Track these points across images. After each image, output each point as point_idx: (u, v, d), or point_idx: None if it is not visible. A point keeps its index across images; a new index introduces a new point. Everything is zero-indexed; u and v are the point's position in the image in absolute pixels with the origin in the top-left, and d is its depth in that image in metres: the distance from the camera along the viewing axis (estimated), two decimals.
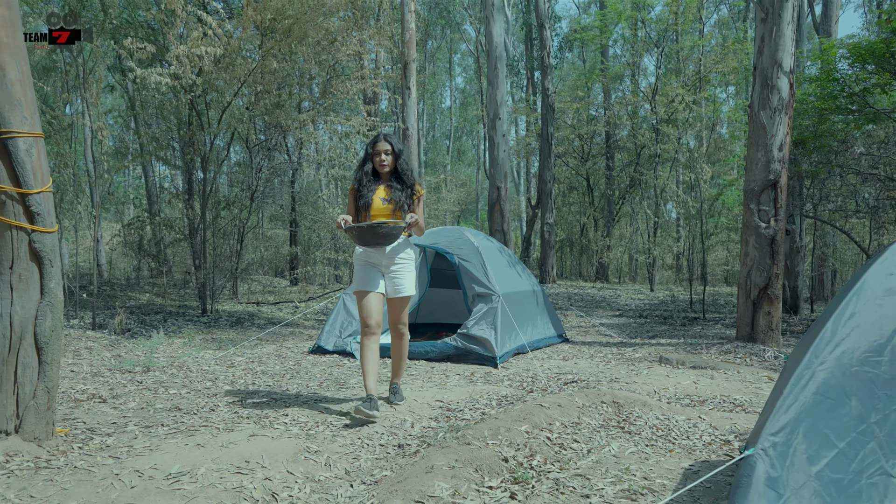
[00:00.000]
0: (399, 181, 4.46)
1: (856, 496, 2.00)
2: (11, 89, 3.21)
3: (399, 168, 4.45)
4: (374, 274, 4.42)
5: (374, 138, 4.50)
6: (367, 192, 4.43)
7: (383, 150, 4.42)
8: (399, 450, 3.75)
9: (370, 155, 4.47)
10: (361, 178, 4.48)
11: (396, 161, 4.45)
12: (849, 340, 2.17)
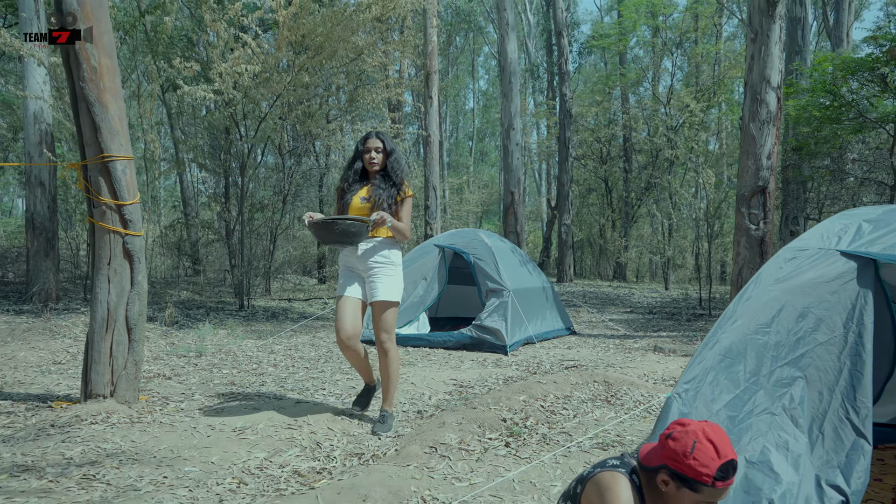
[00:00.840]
0: (385, 180, 4.18)
1: (746, 428, 2.73)
2: (112, 123, 4.06)
3: (389, 167, 4.18)
4: (353, 279, 4.18)
5: (365, 135, 4.26)
6: (349, 192, 4.19)
7: (374, 147, 4.17)
8: (418, 414, 4.54)
9: (360, 152, 4.23)
10: (349, 177, 4.24)
11: (387, 159, 4.19)
12: (745, 316, 2.90)
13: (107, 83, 4.02)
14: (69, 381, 5.36)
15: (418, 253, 8.48)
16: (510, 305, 7.44)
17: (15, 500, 2.89)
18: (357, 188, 4.18)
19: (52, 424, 3.96)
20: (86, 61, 3.93)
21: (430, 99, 13.67)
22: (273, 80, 10.22)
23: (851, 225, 3.06)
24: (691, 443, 1.87)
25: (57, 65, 9.42)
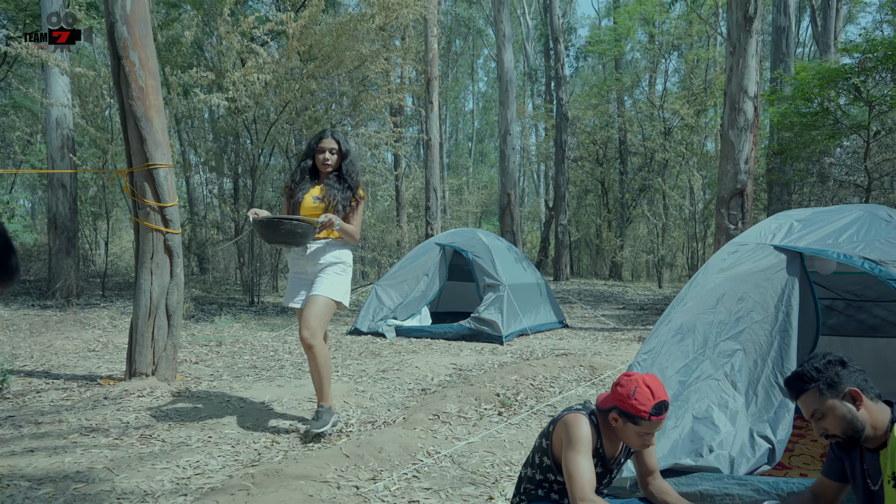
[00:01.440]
0: (340, 182, 3.99)
1: (694, 391, 3.31)
2: (156, 136, 4.66)
3: (344, 169, 4.00)
4: (301, 286, 4.04)
5: (319, 133, 4.05)
6: (299, 191, 4.00)
7: (329, 147, 3.98)
8: (422, 392, 5.14)
9: (313, 150, 4.03)
10: (296, 175, 4.07)
11: (342, 161, 4.00)
12: (694, 300, 3.49)
13: (152, 101, 4.62)
14: (107, 364, 5.95)
15: (420, 251, 9.09)
16: (506, 299, 8.04)
17: (91, 451, 3.49)
18: (308, 187, 3.99)
19: (105, 397, 4.56)
20: (134, 82, 4.53)
21: (431, 104, 14.28)
22: (283, 88, 10.81)
23: (784, 224, 3.66)
24: (633, 388, 2.46)
25: (82, 75, 10.00)
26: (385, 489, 3.07)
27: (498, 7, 14.90)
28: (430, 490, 3.12)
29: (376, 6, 11.61)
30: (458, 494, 3.10)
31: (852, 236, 3.42)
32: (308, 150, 4.07)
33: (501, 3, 14.85)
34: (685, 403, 3.30)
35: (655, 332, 3.47)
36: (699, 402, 3.30)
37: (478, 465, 3.50)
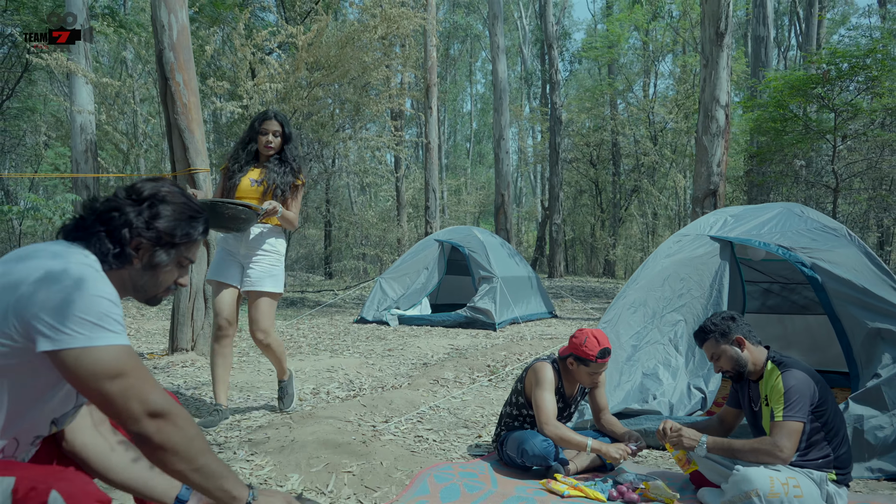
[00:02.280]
0: (282, 165, 3.86)
1: (644, 353, 4.10)
2: (197, 145, 5.45)
3: (287, 153, 3.88)
4: (231, 264, 3.84)
5: (261, 114, 3.88)
6: (237, 173, 3.84)
7: (272, 129, 3.83)
8: (423, 365, 5.95)
9: (256, 132, 3.86)
10: (240, 157, 3.87)
11: (284, 144, 3.87)
12: (645, 279, 4.29)
13: (193, 115, 5.41)
14: (145, 345, 6.74)
15: (420, 247, 9.89)
16: (499, 290, 8.84)
17: None
18: (247, 169, 3.84)
19: (154, 367, 5.36)
20: (179, 99, 5.33)
21: (430, 109, 15.08)
22: (292, 97, 11.61)
23: (720, 218, 4.47)
24: (584, 338, 3.25)
25: (107, 84, 10.79)
26: (395, 427, 3.87)
27: (492, 21, 15.74)
28: (430, 430, 3.92)
29: (379, 18, 12.40)
30: (453, 434, 3.90)
31: (772, 228, 4.22)
32: (251, 132, 3.88)
33: (496, 17, 15.69)
34: (636, 363, 4.10)
35: (613, 305, 4.29)
36: (647, 361, 4.10)
37: (470, 415, 4.31)
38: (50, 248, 1.45)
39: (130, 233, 1.55)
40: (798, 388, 2.77)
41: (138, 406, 1.38)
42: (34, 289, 1.34)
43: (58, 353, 1.33)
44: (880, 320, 3.55)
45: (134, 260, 1.57)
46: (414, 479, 3.01)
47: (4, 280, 1.37)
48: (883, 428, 3.33)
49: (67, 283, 1.36)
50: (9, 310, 1.33)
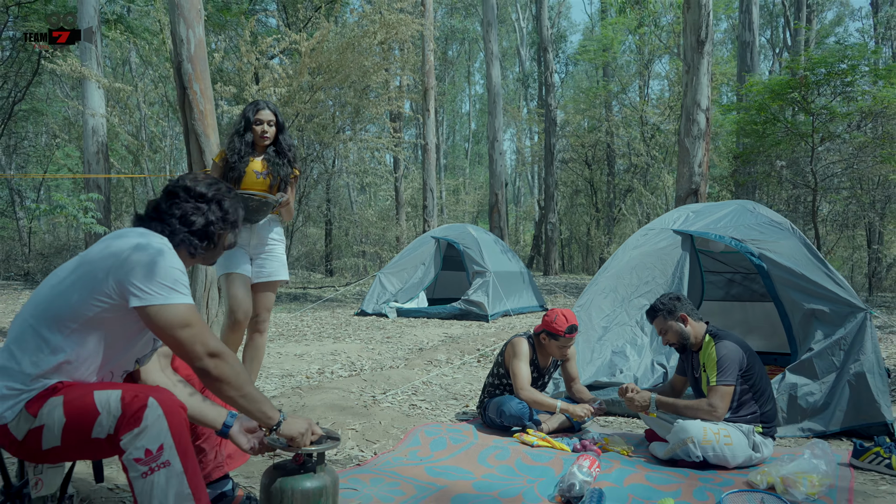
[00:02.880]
0: (280, 156, 3.90)
1: (613, 333, 4.62)
2: (212, 147, 5.97)
3: (283, 142, 3.90)
4: (242, 255, 3.84)
5: (254, 104, 3.89)
6: (240, 164, 3.80)
7: (266, 119, 3.82)
8: (419, 350, 6.48)
9: (250, 123, 3.84)
10: (239, 148, 3.82)
11: (279, 134, 3.90)
12: (615, 268, 4.81)
13: (209, 122, 5.94)
14: None
15: (417, 243, 10.42)
16: (491, 284, 9.36)
17: None
18: (247, 160, 3.82)
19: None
20: (196, 107, 5.85)
21: (428, 112, 15.61)
22: (295, 100, 12.14)
23: (683, 214, 5.00)
24: (555, 316, 3.78)
25: (120, 89, 11.31)
26: (392, 398, 4.40)
27: (487, 28, 16.30)
28: (423, 400, 4.45)
29: (378, 24, 12.93)
30: (443, 403, 4.43)
31: (727, 223, 4.75)
32: (245, 123, 3.85)
33: (490, 25, 16.25)
34: (606, 342, 4.63)
35: (586, 291, 4.82)
36: (616, 340, 4.63)
37: (459, 390, 4.84)
38: (137, 231, 1.97)
39: (214, 226, 2.08)
40: (729, 357, 3.30)
41: (201, 348, 1.90)
42: (128, 259, 1.86)
43: (144, 308, 1.84)
44: (815, 302, 4.07)
45: (212, 238, 2.10)
46: (407, 434, 3.55)
47: (106, 252, 1.89)
48: (813, 394, 3.86)
49: (151, 257, 1.88)
50: (109, 275, 1.85)
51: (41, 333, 1.82)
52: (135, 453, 1.71)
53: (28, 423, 1.76)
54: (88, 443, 1.76)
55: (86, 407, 1.75)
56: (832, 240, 13.79)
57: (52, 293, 1.88)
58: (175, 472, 1.73)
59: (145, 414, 1.73)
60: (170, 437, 1.74)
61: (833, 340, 3.91)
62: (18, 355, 1.81)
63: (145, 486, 1.72)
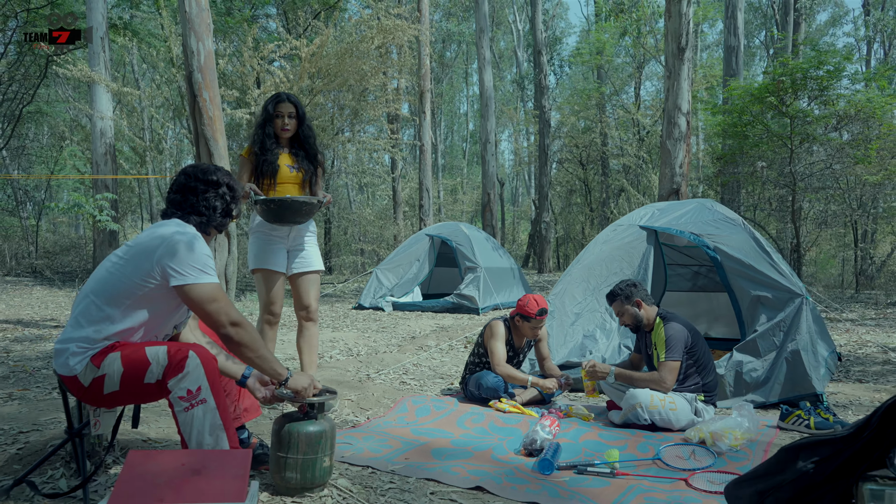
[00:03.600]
0: (303, 148, 3.93)
1: (585, 319, 5.13)
2: (220, 151, 6.47)
3: (303, 135, 3.92)
4: (278, 251, 3.87)
5: (274, 97, 3.87)
6: (271, 157, 3.82)
7: (287, 111, 3.83)
8: (412, 338, 6.98)
9: (271, 116, 3.85)
10: (264, 141, 3.83)
11: (300, 126, 3.90)
12: (587, 260, 5.32)
13: (217, 126, 6.44)
14: None
15: (412, 241, 10.92)
16: (482, 279, 9.87)
17: None
18: (276, 153, 3.87)
19: None
20: (205, 113, 6.35)
21: (424, 114, 16.11)
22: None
23: (649, 211, 5.51)
24: (527, 301, 4.28)
25: (128, 93, 11.81)
26: (384, 376, 4.90)
27: (479, 35, 16.81)
28: (413, 379, 4.95)
29: (375, 29, 13.43)
30: (430, 381, 4.93)
31: (688, 219, 5.25)
32: (266, 116, 3.87)
33: (482, 31, 16.76)
34: (578, 326, 5.13)
35: (561, 281, 5.32)
36: (587, 325, 5.13)
37: (446, 371, 5.34)
38: (175, 222, 2.46)
39: (232, 204, 2.58)
40: (675, 336, 3.81)
41: (225, 318, 2.39)
42: (168, 247, 2.35)
43: (181, 286, 2.34)
44: (760, 289, 4.58)
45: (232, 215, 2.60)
46: (396, 403, 4.05)
47: (151, 241, 2.39)
48: (756, 370, 4.36)
49: (187, 245, 2.37)
50: (154, 261, 2.35)
51: (102, 308, 2.32)
52: (179, 392, 2.21)
53: (93, 373, 2.26)
54: (141, 387, 2.26)
55: (139, 359, 2.25)
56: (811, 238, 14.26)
57: (108, 275, 2.38)
58: (210, 408, 2.24)
59: (187, 363, 2.23)
60: (206, 380, 2.24)
61: (774, 323, 4.41)
62: (84, 325, 2.31)
63: (187, 418, 2.22)
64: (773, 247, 5.41)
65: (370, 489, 2.73)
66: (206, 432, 2.23)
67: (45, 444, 2.89)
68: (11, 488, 2.42)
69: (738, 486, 2.36)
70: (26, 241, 17.63)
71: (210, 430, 2.24)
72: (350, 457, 3.10)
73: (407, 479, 2.87)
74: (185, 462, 2.00)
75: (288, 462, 2.59)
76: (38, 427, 3.26)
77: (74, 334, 2.30)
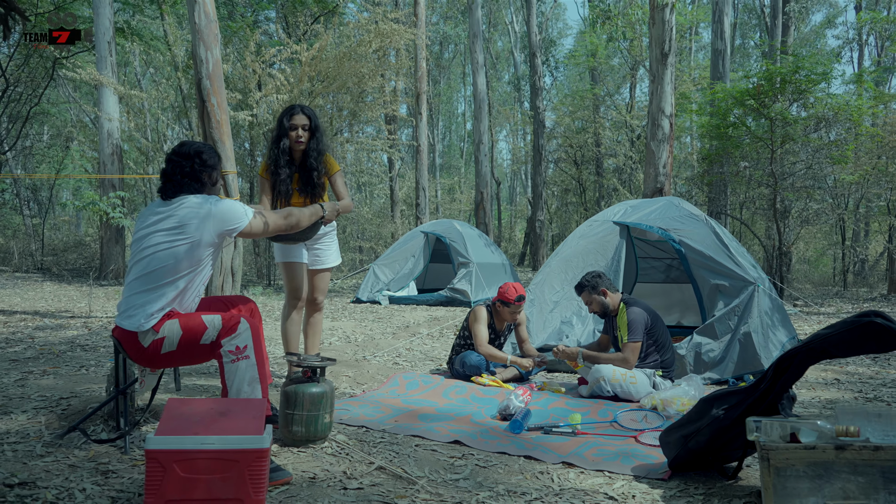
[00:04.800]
0: (313, 165, 3.99)
1: (563, 307, 5.61)
2: (227, 152, 6.95)
3: (311, 148, 3.97)
4: (299, 245, 4.13)
5: (288, 109, 3.98)
6: (285, 178, 3.98)
7: (300, 123, 3.92)
8: (406, 328, 7.46)
9: (285, 129, 3.94)
10: (278, 159, 3.96)
11: (312, 137, 3.97)
12: (565, 252, 5.80)
13: (224, 129, 6.91)
14: None
15: (408, 237, 11.41)
16: (474, 274, 10.35)
17: None
18: (291, 173, 4.01)
19: None
20: (213, 117, 6.83)
21: (420, 115, 16.60)
22: None
23: (622, 208, 6.00)
24: (507, 288, 4.76)
25: (132, 96, 12.28)
26: (379, 358, 5.39)
27: (472, 39, 17.32)
28: (405, 360, 5.44)
29: (373, 33, 13.90)
30: (421, 363, 5.42)
31: (657, 216, 5.74)
32: (281, 130, 3.96)
33: (475, 36, 17.28)
34: (556, 313, 5.62)
35: (540, 272, 5.81)
36: (564, 312, 5.62)
37: (436, 354, 5.83)
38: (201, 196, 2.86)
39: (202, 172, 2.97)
40: (636, 319, 4.30)
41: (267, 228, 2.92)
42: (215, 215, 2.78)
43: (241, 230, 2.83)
44: (718, 278, 5.07)
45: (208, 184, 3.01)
46: (389, 378, 4.54)
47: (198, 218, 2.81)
48: (714, 350, 4.85)
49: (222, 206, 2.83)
50: (212, 230, 2.79)
51: (153, 284, 2.76)
52: (229, 348, 2.70)
53: (153, 336, 2.72)
54: (196, 348, 2.73)
55: (197, 324, 2.73)
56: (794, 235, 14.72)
57: (155, 256, 2.78)
58: (251, 363, 2.72)
59: (239, 327, 2.72)
60: (251, 342, 2.73)
61: (730, 308, 4.90)
62: (150, 295, 2.72)
63: (232, 369, 2.70)
64: (736, 241, 5.88)
65: (364, 442, 3.21)
66: (245, 382, 2.70)
67: (85, 406, 3.37)
68: (65, 434, 2.91)
69: (668, 433, 2.85)
70: (35, 239, 18.09)
71: (249, 381, 2.71)
72: (347, 419, 3.59)
73: (396, 435, 3.36)
74: (214, 406, 2.48)
75: (294, 418, 3.07)
76: (76, 394, 3.75)
77: (142, 300, 2.73)
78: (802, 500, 2.10)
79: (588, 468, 2.95)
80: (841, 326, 2.27)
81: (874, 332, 2.17)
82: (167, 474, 2.24)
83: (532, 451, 3.14)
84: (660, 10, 10.52)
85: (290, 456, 2.94)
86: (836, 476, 2.09)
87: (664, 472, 2.84)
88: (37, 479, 2.48)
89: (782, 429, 2.24)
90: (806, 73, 11.34)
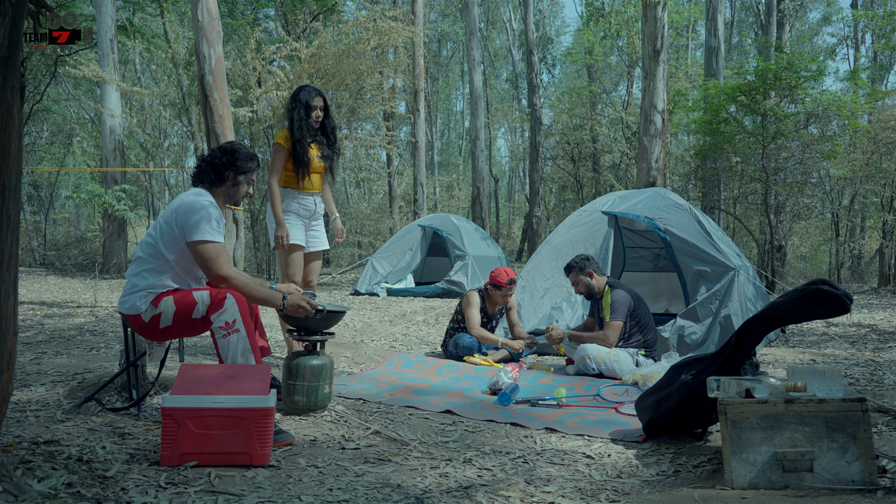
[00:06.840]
0: (326, 136, 4.30)
1: (553, 293, 5.83)
2: None
3: (329, 126, 4.29)
4: (301, 228, 4.28)
5: (308, 90, 4.22)
6: (307, 148, 4.19)
7: (319, 105, 4.20)
8: (403, 316, 7.68)
9: (311, 108, 4.17)
10: (305, 131, 4.17)
11: (325, 118, 4.26)
12: (556, 241, 6.02)
13: (226, 124, 7.13)
14: None
15: (405, 231, 11.63)
16: (470, 266, 10.58)
17: None
18: (308, 144, 4.20)
19: None
20: (216, 112, 7.05)
21: (418, 112, 16.82)
22: None
23: (611, 199, 6.22)
24: (499, 273, 4.99)
25: (133, 92, 12.49)
26: (376, 342, 5.61)
27: (469, 37, 17.54)
28: (401, 344, 5.67)
29: (371, 31, 14.11)
30: (417, 347, 5.65)
31: (643, 206, 5.96)
32: (307, 108, 4.15)
33: (472, 34, 17.49)
34: (547, 299, 5.84)
35: (532, 260, 6.04)
36: (555, 298, 5.84)
37: (431, 339, 6.05)
38: (195, 191, 3.12)
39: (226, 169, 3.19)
40: (619, 300, 4.53)
41: (222, 272, 3.08)
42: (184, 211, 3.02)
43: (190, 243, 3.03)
44: (701, 265, 5.29)
45: (227, 182, 3.23)
46: (385, 358, 4.77)
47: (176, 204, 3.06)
48: (696, 333, 5.08)
49: (199, 208, 3.04)
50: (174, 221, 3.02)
51: (152, 265, 3.00)
52: (219, 323, 2.91)
53: (153, 311, 2.95)
54: (189, 322, 2.95)
55: (189, 301, 2.94)
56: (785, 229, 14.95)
57: (152, 240, 3.03)
58: (242, 336, 2.93)
59: (225, 302, 2.93)
60: (239, 315, 2.94)
61: (711, 292, 5.13)
62: (147, 276, 2.96)
63: (225, 343, 2.92)
64: (721, 230, 6.12)
65: (361, 412, 3.44)
66: (238, 353, 2.92)
67: (99, 379, 3.59)
68: (82, 403, 3.13)
69: (642, 399, 3.08)
70: (37, 234, 18.30)
71: (241, 353, 2.93)
72: (346, 393, 3.82)
73: (391, 406, 3.59)
74: (224, 371, 2.71)
75: (296, 388, 3.30)
76: (90, 370, 3.97)
77: (140, 283, 2.97)
78: (756, 449, 2.32)
79: (569, 433, 3.18)
80: (792, 294, 2.50)
81: (821, 298, 2.40)
82: (182, 430, 2.47)
83: (518, 419, 3.37)
84: (652, 7, 10.73)
85: (292, 423, 3.16)
86: (786, 427, 2.32)
87: (639, 436, 3.07)
88: (60, 439, 2.70)
89: (738, 386, 2.47)
90: (796, 69, 11.57)
